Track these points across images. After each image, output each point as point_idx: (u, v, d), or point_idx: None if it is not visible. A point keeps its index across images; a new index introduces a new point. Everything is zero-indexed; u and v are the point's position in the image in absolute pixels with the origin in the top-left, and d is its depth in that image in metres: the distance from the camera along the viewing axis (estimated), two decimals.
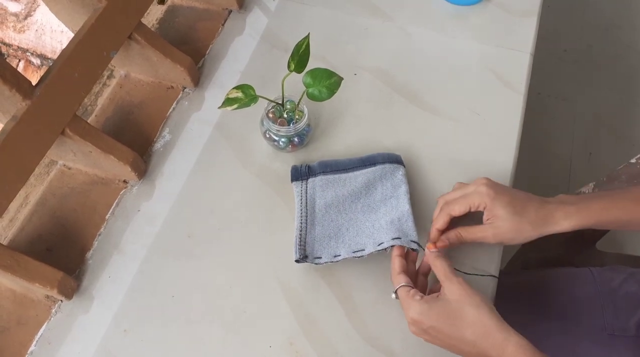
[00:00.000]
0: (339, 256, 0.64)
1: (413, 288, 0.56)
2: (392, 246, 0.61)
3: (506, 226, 0.57)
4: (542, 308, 0.78)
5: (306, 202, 0.68)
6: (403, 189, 0.67)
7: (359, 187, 0.68)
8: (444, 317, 0.52)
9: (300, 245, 0.65)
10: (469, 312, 0.51)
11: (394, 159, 0.70)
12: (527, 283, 0.83)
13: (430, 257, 0.58)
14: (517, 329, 0.75)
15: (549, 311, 0.77)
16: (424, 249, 0.61)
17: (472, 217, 0.62)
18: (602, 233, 0.92)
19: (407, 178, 0.69)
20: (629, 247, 1.40)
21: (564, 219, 0.57)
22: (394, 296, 0.57)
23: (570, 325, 0.75)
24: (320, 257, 0.64)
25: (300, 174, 0.71)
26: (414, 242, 0.62)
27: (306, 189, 0.69)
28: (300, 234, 0.66)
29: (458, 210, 0.60)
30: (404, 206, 0.65)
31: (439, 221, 0.61)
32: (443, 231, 0.62)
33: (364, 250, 0.63)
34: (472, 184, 0.61)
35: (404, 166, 0.70)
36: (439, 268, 0.56)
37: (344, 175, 0.70)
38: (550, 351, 0.73)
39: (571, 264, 0.91)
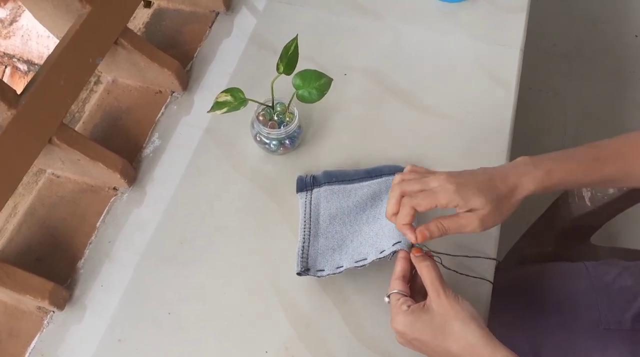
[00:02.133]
0: (342, 267, 0.62)
1: (404, 296, 0.54)
2: (395, 252, 0.59)
3: (487, 210, 0.53)
4: (537, 303, 0.78)
5: (310, 214, 0.67)
6: None
7: (365, 198, 0.67)
8: (428, 330, 0.51)
9: (302, 257, 0.64)
10: (454, 327, 0.50)
11: (401, 171, 0.68)
12: (522, 279, 0.83)
13: (416, 261, 0.56)
14: (513, 325, 0.76)
15: (545, 306, 0.77)
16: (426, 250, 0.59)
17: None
18: (597, 227, 0.92)
19: None
20: (622, 241, 1.41)
21: (529, 183, 0.54)
22: (387, 299, 0.56)
23: (566, 320, 0.75)
24: (323, 270, 0.63)
25: (305, 184, 0.70)
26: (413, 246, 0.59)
27: (310, 200, 0.68)
28: (303, 247, 0.65)
29: (424, 207, 0.54)
30: None
31: (404, 216, 0.55)
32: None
33: (366, 259, 0.62)
34: (433, 178, 0.55)
35: None
36: (426, 276, 0.53)
37: (349, 186, 0.68)
38: (547, 346, 0.73)
39: (566, 258, 0.90)
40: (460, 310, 0.50)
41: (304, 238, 0.65)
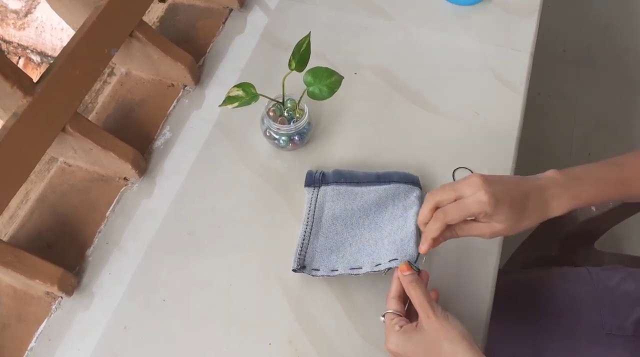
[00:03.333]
0: (337, 270, 0.63)
1: (398, 316, 0.54)
2: (390, 268, 0.60)
3: (505, 226, 0.54)
4: (540, 307, 0.78)
5: (314, 211, 0.68)
6: (414, 210, 0.65)
7: (370, 203, 0.67)
8: (419, 350, 0.50)
9: (300, 254, 0.64)
10: (444, 347, 0.49)
11: (411, 180, 0.69)
12: (524, 282, 0.83)
13: (404, 282, 0.55)
14: (515, 329, 0.76)
15: (547, 310, 0.77)
16: (418, 270, 0.58)
17: None
18: (601, 233, 0.92)
19: (420, 201, 0.67)
20: (627, 247, 1.41)
21: (558, 208, 0.55)
22: (382, 319, 0.55)
23: (568, 324, 0.75)
24: (318, 270, 0.63)
25: (314, 180, 0.70)
26: (410, 263, 0.59)
27: (317, 197, 0.69)
28: (303, 243, 0.65)
29: (457, 219, 0.54)
30: (410, 227, 0.63)
31: (434, 230, 0.55)
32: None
33: (361, 268, 0.62)
34: (466, 185, 0.54)
35: (420, 188, 0.68)
36: (414, 298, 0.53)
37: (356, 189, 0.69)
38: (549, 350, 0.73)
39: (570, 263, 0.91)
40: (450, 329, 0.50)
41: (304, 235, 0.66)
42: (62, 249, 0.68)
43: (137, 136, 0.76)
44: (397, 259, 0.60)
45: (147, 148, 0.76)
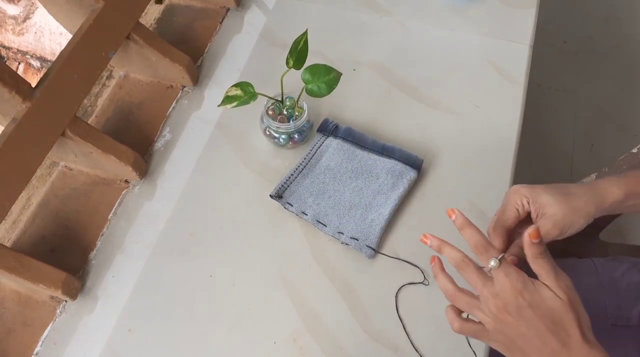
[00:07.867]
0: (306, 215, 0.68)
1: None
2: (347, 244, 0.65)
3: (558, 208, 0.53)
4: None
5: (313, 155, 0.72)
6: (399, 192, 0.68)
7: (364, 169, 0.70)
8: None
9: (283, 185, 0.69)
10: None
11: (412, 162, 0.70)
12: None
13: (531, 251, 0.50)
14: None
15: None
16: (375, 252, 0.65)
17: None
18: (606, 223, 0.92)
19: (411, 185, 0.69)
20: (632, 238, 1.40)
21: (614, 187, 0.55)
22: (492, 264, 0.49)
23: None
24: (292, 205, 0.68)
25: (327, 129, 0.74)
26: (369, 247, 0.64)
27: (321, 144, 0.73)
28: (290, 177, 0.70)
29: (509, 217, 0.56)
30: (386, 210, 0.67)
31: (495, 241, 0.56)
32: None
33: (325, 226, 0.67)
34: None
35: (418, 173, 0.70)
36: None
37: (358, 151, 0.71)
38: None
39: (575, 255, 0.90)
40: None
41: (294, 171, 0.71)
42: (65, 253, 0.69)
43: (137, 138, 0.76)
44: (357, 240, 0.65)
45: (147, 150, 0.76)
